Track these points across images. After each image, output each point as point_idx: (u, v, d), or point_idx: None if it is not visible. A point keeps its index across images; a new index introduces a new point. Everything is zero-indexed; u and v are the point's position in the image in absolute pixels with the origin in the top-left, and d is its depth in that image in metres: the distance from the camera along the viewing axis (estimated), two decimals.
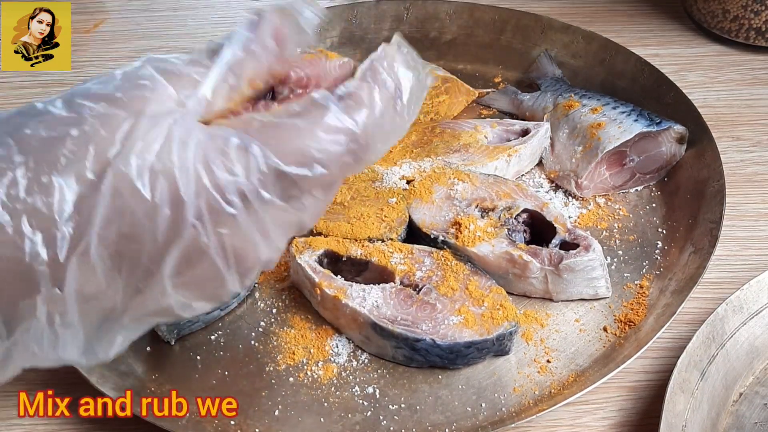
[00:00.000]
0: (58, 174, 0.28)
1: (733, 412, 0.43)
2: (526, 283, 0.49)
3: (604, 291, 0.49)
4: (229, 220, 0.30)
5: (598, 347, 0.47)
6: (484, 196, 0.52)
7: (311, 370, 0.47)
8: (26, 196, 0.28)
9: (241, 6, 0.81)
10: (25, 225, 0.28)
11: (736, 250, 0.53)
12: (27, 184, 0.28)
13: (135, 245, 0.29)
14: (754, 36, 0.68)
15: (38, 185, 0.28)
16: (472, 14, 0.70)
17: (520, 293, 0.50)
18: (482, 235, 0.50)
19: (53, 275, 0.29)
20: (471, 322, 0.45)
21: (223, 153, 0.30)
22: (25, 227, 0.28)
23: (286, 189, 0.31)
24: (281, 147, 0.30)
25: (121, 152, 0.29)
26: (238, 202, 0.30)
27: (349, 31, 0.71)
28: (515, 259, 0.48)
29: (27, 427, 0.45)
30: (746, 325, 0.45)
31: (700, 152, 0.55)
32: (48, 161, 0.28)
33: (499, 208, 0.51)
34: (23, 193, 0.28)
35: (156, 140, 0.29)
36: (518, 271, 0.49)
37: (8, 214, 0.28)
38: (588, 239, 0.49)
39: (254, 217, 0.30)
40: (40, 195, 0.28)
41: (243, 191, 0.30)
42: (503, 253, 0.49)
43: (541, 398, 0.45)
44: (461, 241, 0.49)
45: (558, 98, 0.61)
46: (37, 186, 0.28)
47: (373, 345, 0.47)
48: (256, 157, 0.30)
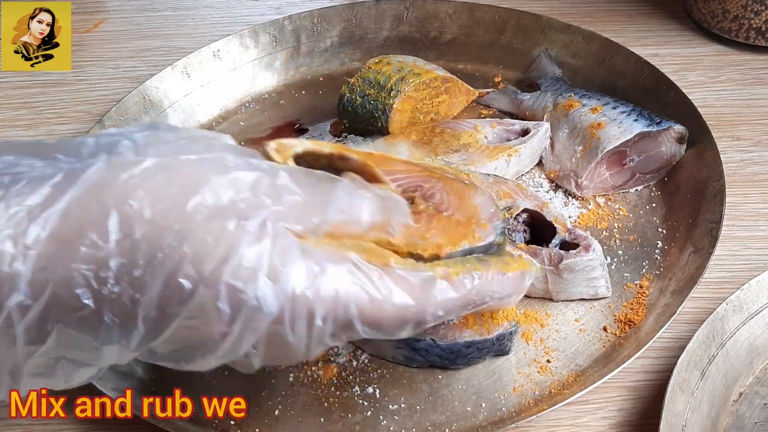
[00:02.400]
0: (152, 271, 0.28)
1: (733, 412, 0.43)
2: None
3: (604, 291, 0.49)
4: (285, 343, 0.31)
5: (598, 347, 0.47)
6: None
7: (311, 370, 0.47)
8: (114, 285, 0.28)
9: (241, 6, 0.81)
10: (105, 312, 0.28)
11: (736, 250, 0.53)
12: (117, 272, 0.28)
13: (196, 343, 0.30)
14: (754, 36, 0.68)
15: (129, 277, 0.28)
16: (472, 14, 0.70)
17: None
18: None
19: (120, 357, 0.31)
20: (471, 322, 0.45)
21: (311, 287, 0.30)
22: (106, 315, 0.28)
23: (342, 333, 0.31)
24: (368, 306, 0.31)
25: (216, 270, 0.28)
26: (302, 334, 0.30)
27: (349, 31, 0.71)
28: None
29: (25, 427, 0.45)
30: (746, 325, 0.45)
31: (700, 152, 0.55)
32: (144, 252, 0.28)
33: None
34: (112, 281, 0.28)
35: (251, 268, 0.29)
36: None
37: (92, 299, 0.28)
38: (588, 239, 0.49)
39: (307, 347, 0.31)
40: (129, 288, 0.28)
41: (312, 326, 0.30)
42: None
43: (541, 398, 0.45)
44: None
45: (558, 98, 0.61)
46: (128, 278, 0.28)
47: (373, 345, 0.47)
48: (339, 304, 0.30)
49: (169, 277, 0.28)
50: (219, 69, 0.68)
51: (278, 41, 0.70)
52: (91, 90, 0.71)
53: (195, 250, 0.28)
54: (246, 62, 0.69)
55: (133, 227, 0.28)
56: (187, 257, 0.28)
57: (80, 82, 0.72)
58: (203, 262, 0.28)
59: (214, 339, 0.30)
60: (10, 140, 0.30)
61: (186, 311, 0.28)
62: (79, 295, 0.27)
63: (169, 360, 0.32)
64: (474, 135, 0.58)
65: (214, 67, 0.68)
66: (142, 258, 0.28)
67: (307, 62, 0.71)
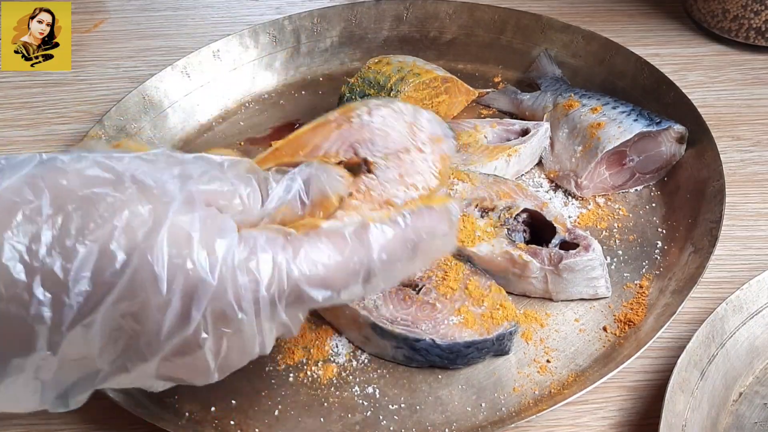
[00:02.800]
0: (83, 240, 0.28)
1: (733, 412, 0.43)
2: (526, 282, 0.49)
3: (603, 291, 0.49)
4: (235, 323, 0.30)
5: (598, 347, 0.47)
6: (483, 196, 0.52)
7: (311, 370, 0.47)
8: (46, 256, 0.27)
9: (241, 6, 0.81)
10: (36, 285, 0.27)
11: (736, 250, 0.53)
12: (50, 243, 0.27)
13: (138, 329, 0.29)
14: (754, 36, 0.68)
15: (61, 247, 0.27)
16: (472, 14, 0.70)
17: (520, 293, 0.50)
18: (482, 235, 0.50)
19: (51, 339, 0.28)
20: (471, 322, 0.45)
21: (249, 259, 0.29)
22: (36, 288, 0.27)
23: (294, 305, 0.31)
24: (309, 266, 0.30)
25: (149, 236, 0.28)
26: (250, 310, 0.30)
27: (348, 31, 0.71)
28: (515, 259, 0.48)
29: (25, 427, 0.45)
30: (746, 324, 0.45)
31: (700, 152, 0.55)
32: (77, 223, 0.28)
33: (498, 208, 0.51)
34: (44, 252, 0.27)
35: (185, 233, 0.29)
36: (518, 270, 0.49)
37: (24, 270, 0.27)
38: (588, 239, 0.49)
39: (258, 325, 0.31)
40: (61, 258, 0.27)
41: (258, 300, 0.30)
42: (503, 253, 0.49)
43: (541, 398, 0.44)
44: (461, 240, 0.49)
45: (558, 98, 0.61)
46: (60, 248, 0.27)
47: (373, 345, 0.47)
48: (281, 271, 0.30)
49: (102, 246, 0.28)
50: (219, 69, 0.68)
51: (278, 41, 0.70)
52: (92, 90, 0.71)
53: (127, 219, 0.28)
54: (246, 62, 0.69)
55: (66, 202, 0.28)
56: (119, 227, 0.28)
57: (80, 82, 0.72)
58: (136, 230, 0.28)
59: (155, 320, 0.28)
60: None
61: (120, 286, 0.28)
62: (10, 268, 0.27)
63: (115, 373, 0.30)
64: (474, 135, 0.58)
65: (214, 67, 0.68)
66: (74, 228, 0.27)
67: (307, 62, 0.71)
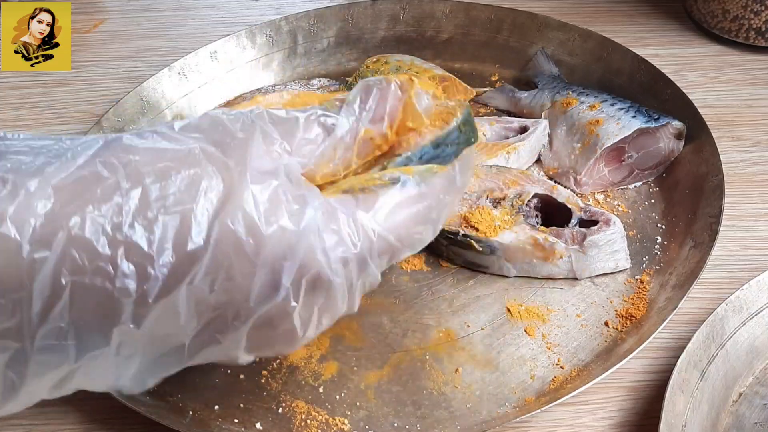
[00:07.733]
0: (165, 211, 0.27)
1: (733, 412, 0.43)
2: (552, 265, 0.50)
3: (623, 263, 0.50)
4: (325, 287, 0.29)
5: (600, 342, 0.47)
6: (492, 187, 0.52)
7: (311, 369, 0.47)
8: (129, 228, 0.27)
9: (241, 6, 0.81)
10: (121, 258, 0.27)
11: (735, 250, 0.53)
12: (131, 216, 0.27)
13: (226, 300, 0.28)
14: (754, 36, 0.68)
15: (143, 218, 0.27)
16: (468, 13, 0.70)
17: (544, 277, 0.51)
18: (501, 224, 0.50)
19: (136, 312, 0.28)
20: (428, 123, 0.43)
21: (331, 221, 0.29)
22: (121, 260, 0.27)
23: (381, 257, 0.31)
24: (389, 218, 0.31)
25: (228, 205, 0.28)
26: (340, 271, 0.29)
27: (345, 31, 0.71)
28: (541, 242, 0.49)
29: (26, 427, 0.45)
30: (746, 325, 0.45)
31: (699, 148, 0.55)
32: (155, 195, 0.27)
33: (509, 197, 0.51)
34: (126, 225, 0.27)
35: (264, 199, 0.28)
36: (542, 254, 0.49)
37: (108, 243, 0.27)
38: (605, 214, 0.49)
39: (348, 285, 0.30)
40: (144, 230, 0.27)
41: (347, 261, 0.30)
42: (528, 239, 0.49)
43: (542, 393, 0.44)
44: (483, 232, 0.49)
45: (555, 96, 0.61)
46: (142, 219, 0.27)
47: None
48: (366, 228, 0.30)
49: (183, 217, 0.27)
50: (216, 70, 0.68)
51: (275, 42, 0.70)
52: (92, 90, 0.71)
53: (205, 189, 0.28)
54: (243, 63, 0.69)
55: (141, 176, 0.28)
56: (197, 198, 0.27)
57: (80, 82, 0.72)
58: (215, 200, 0.28)
59: (243, 289, 0.28)
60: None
61: (205, 257, 0.27)
62: (93, 241, 0.26)
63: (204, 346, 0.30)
64: None
65: (211, 68, 0.68)
66: (154, 200, 0.27)
67: (304, 63, 0.71)
